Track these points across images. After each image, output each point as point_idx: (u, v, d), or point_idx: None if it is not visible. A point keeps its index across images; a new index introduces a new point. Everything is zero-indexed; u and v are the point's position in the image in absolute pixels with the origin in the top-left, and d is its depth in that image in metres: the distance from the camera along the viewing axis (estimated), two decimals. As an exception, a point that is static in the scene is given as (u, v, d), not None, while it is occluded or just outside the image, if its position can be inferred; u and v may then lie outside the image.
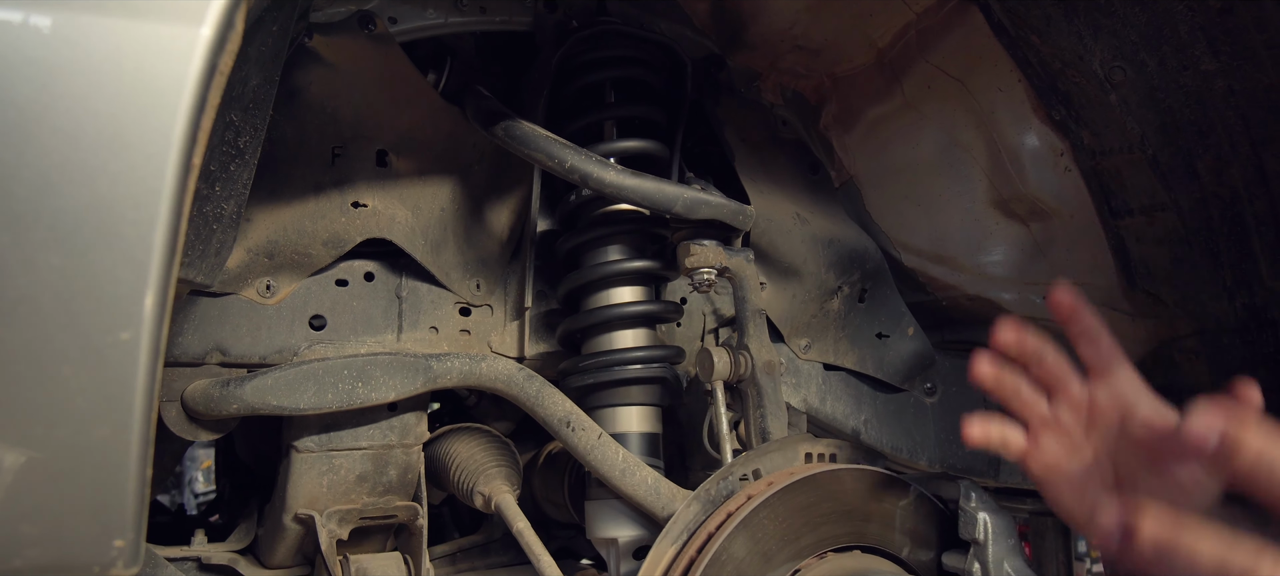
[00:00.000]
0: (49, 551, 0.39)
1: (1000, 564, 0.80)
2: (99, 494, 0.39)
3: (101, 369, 0.37)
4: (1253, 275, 1.06)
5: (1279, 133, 0.99)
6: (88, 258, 0.35)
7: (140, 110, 0.35)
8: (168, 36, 0.36)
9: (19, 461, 0.37)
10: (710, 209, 0.97)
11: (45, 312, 0.36)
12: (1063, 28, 1.09)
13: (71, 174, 0.35)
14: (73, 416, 0.37)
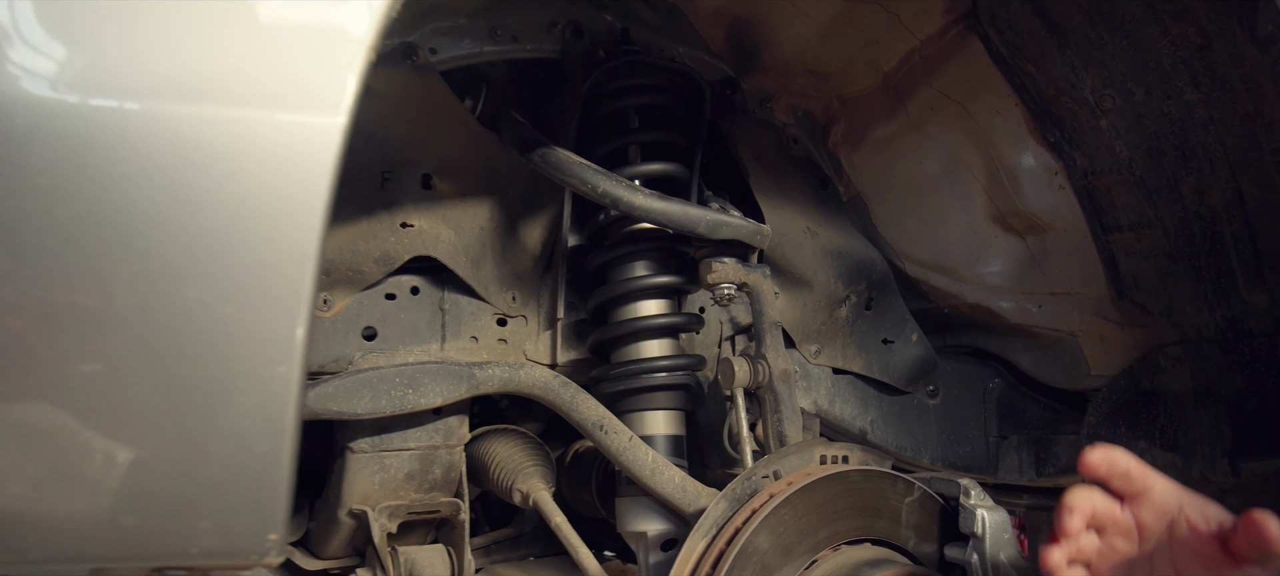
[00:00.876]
0: (219, 542, 0.47)
1: (996, 555, 0.88)
2: (258, 497, 0.47)
3: (264, 396, 0.45)
4: (1231, 289, 1.14)
5: (1255, 159, 1.07)
6: (255, 307, 0.44)
7: (294, 186, 0.43)
8: (311, 126, 0.44)
9: (198, 472, 0.46)
10: (731, 229, 1.06)
11: (222, 352, 0.44)
12: (1057, 58, 1.17)
13: (242, 238, 0.43)
14: (240, 434, 0.46)
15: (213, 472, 0.46)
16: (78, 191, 0.41)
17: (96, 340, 0.42)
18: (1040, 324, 1.38)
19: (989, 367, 1.49)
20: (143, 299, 0.43)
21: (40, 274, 0.41)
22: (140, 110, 0.41)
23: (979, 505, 0.89)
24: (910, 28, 1.24)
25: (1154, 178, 1.17)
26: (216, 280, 0.44)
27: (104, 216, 0.41)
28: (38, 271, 0.41)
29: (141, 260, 0.42)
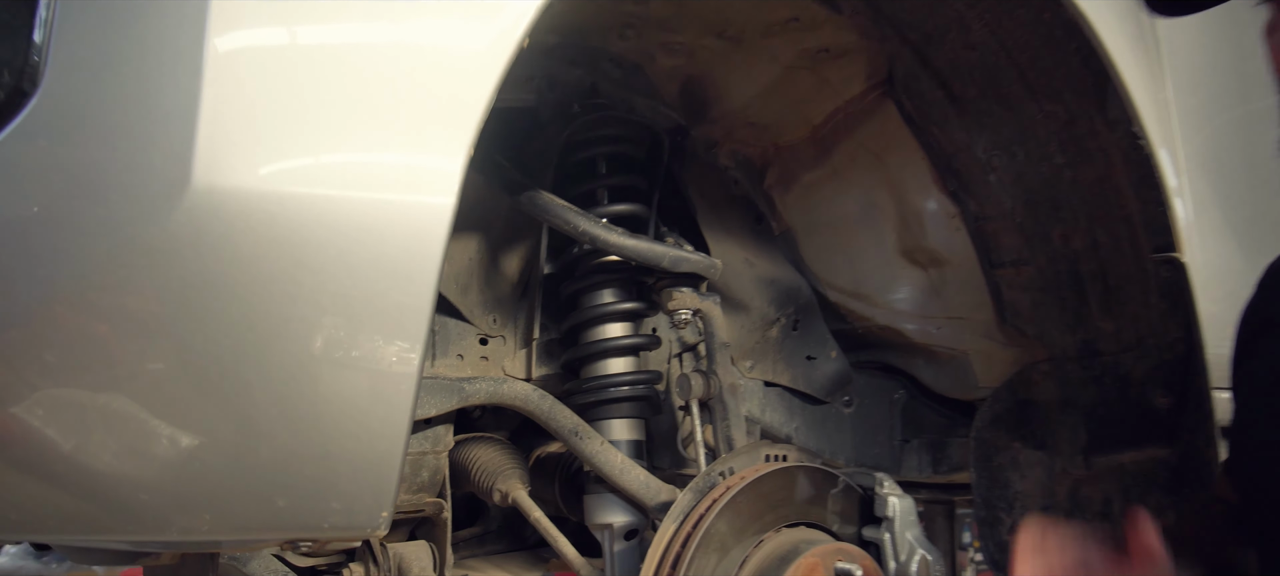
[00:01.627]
0: (345, 519, 0.61)
1: (904, 534, 1.09)
2: (378, 484, 0.61)
3: (389, 409, 0.59)
4: (1087, 317, 1.39)
5: (1106, 213, 1.32)
6: (387, 342, 0.58)
7: (420, 247, 0.58)
8: (433, 205, 0.59)
9: (336, 465, 0.60)
10: (689, 264, 1.24)
11: (361, 374, 0.58)
12: (955, 123, 1.40)
13: (383, 289, 0.58)
14: (369, 437, 0.60)
15: (346, 466, 0.60)
16: (270, 258, 0.55)
17: (275, 365, 0.56)
18: (938, 343, 1.62)
19: (895, 380, 1.72)
20: (309, 334, 0.57)
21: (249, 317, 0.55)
22: (314, 194, 0.56)
23: (891, 493, 1.10)
24: (837, 91, 1.46)
25: (1031, 224, 1.42)
26: (361, 321, 0.58)
27: (286, 274, 0.55)
28: (246, 315, 0.55)
29: (309, 306, 0.57)
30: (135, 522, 0.60)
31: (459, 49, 0.61)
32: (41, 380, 0.55)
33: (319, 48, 0.57)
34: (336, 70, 0.58)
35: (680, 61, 1.43)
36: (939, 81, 1.35)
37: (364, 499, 0.61)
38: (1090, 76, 1.22)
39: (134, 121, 0.53)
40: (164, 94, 0.53)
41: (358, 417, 0.60)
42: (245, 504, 0.60)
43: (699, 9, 1.30)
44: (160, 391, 0.57)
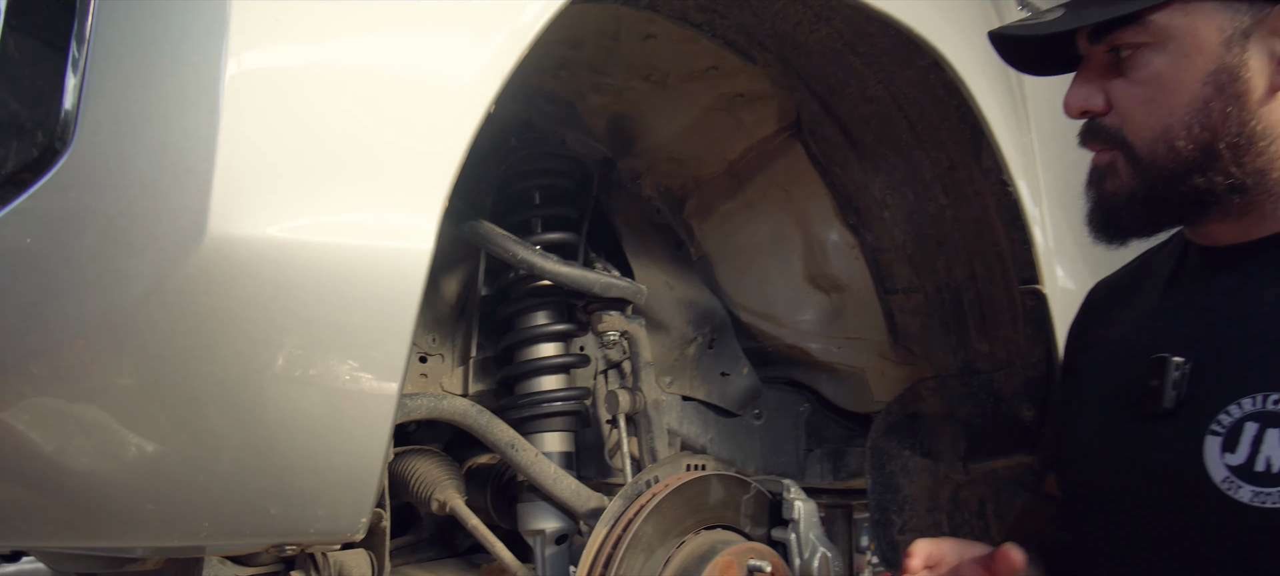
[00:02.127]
0: (329, 525, 0.69)
1: (808, 534, 1.23)
2: (359, 493, 0.69)
3: (371, 428, 0.68)
4: (966, 340, 1.57)
5: (982, 249, 1.50)
6: (370, 369, 0.67)
7: (402, 284, 0.67)
8: (413, 250, 0.68)
9: (324, 477, 0.68)
10: (618, 289, 1.35)
11: (348, 397, 0.67)
12: (855, 165, 1.56)
13: (367, 321, 0.66)
14: (354, 452, 0.68)
15: (333, 478, 0.68)
16: (273, 298, 0.63)
17: (275, 391, 0.64)
18: (839, 361, 1.78)
19: (800, 395, 1.87)
20: (304, 364, 0.65)
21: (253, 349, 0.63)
22: (312, 242, 0.64)
23: (796, 498, 1.24)
24: (751, 131, 1.60)
25: (919, 256, 1.59)
26: (349, 352, 0.67)
27: (287, 312, 0.64)
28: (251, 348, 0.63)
29: (305, 339, 0.65)
30: (142, 529, 0.66)
31: (436, 119, 0.71)
32: (69, 403, 0.61)
33: (319, 114, 0.66)
34: (333, 133, 0.66)
35: (609, 100, 1.54)
36: (841, 128, 1.51)
37: (347, 507, 0.70)
38: (968, 130, 1.39)
39: (156, 177, 0.61)
40: (183, 152, 0.61)
41: (345, 435, 0.68)
42: (243, 512, 0.68)
43: (628, 55, 1.42)
44: (175, 414, 0.64)
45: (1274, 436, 0.80)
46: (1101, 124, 0.96)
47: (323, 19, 0.67)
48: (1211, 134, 0.89)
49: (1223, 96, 0.88)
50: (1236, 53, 0.88)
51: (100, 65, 0.62)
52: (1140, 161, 0.92)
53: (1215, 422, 0.84)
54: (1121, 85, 0.93)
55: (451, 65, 0.72)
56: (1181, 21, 0.88)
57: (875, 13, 1.18)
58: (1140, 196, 0.93)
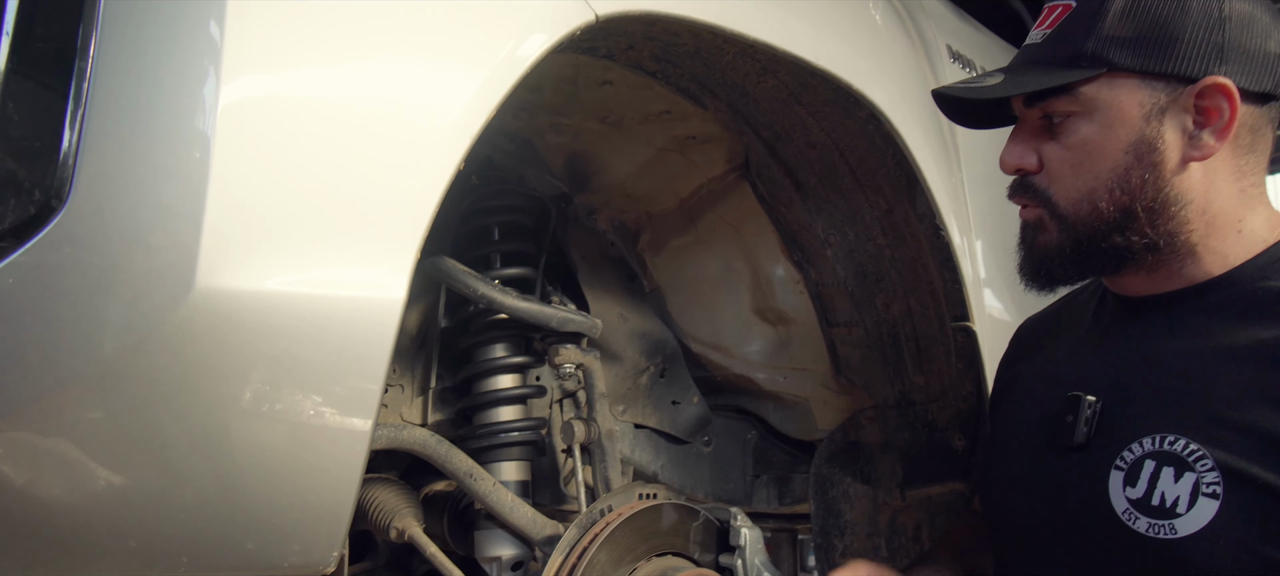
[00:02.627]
0: (302, 558, 0.72)
1: (753, 560, 1.29)
2: (332, 528, 0.73)
3: (345, 465, 0.72)
4: (903, 372, 1.67)
5: (918, 286, 1.60)
6: (346, 410, 0.71)
7: (376, 329, 0.72)
8: (386, 299, 0.73)
9: (300, 514, 0.71)
10: (574, 324, 1.41)
11: (325, 436, 0.71)
12: (799, 206, 1.64)
13: (346, 363, 0.71)
14: (329, 489, 0.72)
15: (308, 514, 0.72)
16: (256, 345, 0.67)
17: (256, 432, 0.69)
18: (785, 391, 1.86)
19: (748, 422, 1.95)
20: (284, 406, 0.69)
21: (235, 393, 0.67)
22: (294, 293, 0.69)
23: (743, 525, 1.31)
24: (702, 170, 1.68)
25: (860, 292, 1.68)
26: (326, 395, 0.71)
27: (267, 358, 0.68)
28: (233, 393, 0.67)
29: (286, 383, 0.69)
30: (123, 565, 0.69)
31: (409, 180, 0.76)
32: (60, 446, 0.65)
33: (302, 175, 0.71)
34: (316, 192, 0.71)
35: (567, 139, 1.61)
36: (786, 170, 1.59)
37: (320, 541, 0.74)
38: (903, 176, 1.49)
39: (148, 233, 0.65)
40: (174, 210, 0.65)
41: (320, 472, 0.72)
42: (221, 548, 0.71)
43: (586, 99, 1.48)
44: (159, 455, 0.68)
45: (1168, 473, 0.89)
46: (1032, 182, 1.05)
47: (307, 88, 0.72)
48: (1130, 198, 0.98)
49: (1141, 165, 0.98)
50: (1154, 126, 0.98)
51: (96, 125, 0.66)
52: (1065, 220, 1.02)
53: (1119, 459, 0.94)
54: (1053, 148, 1.03)
55: (424, 129, 0.78)
56: (1108, 94, 0.98)
57: (816, 69, 1.27)
58: (1068, 250, 1.03)
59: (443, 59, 0.81)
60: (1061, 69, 1.00)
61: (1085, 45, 0.99)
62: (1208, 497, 0.86)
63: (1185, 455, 0.89)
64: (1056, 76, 1.00)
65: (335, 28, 0.76)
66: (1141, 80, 0.98)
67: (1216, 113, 0.97)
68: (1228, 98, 0.96)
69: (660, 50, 1.32)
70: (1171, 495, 0.88)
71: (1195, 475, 0.87)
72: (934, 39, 1.71)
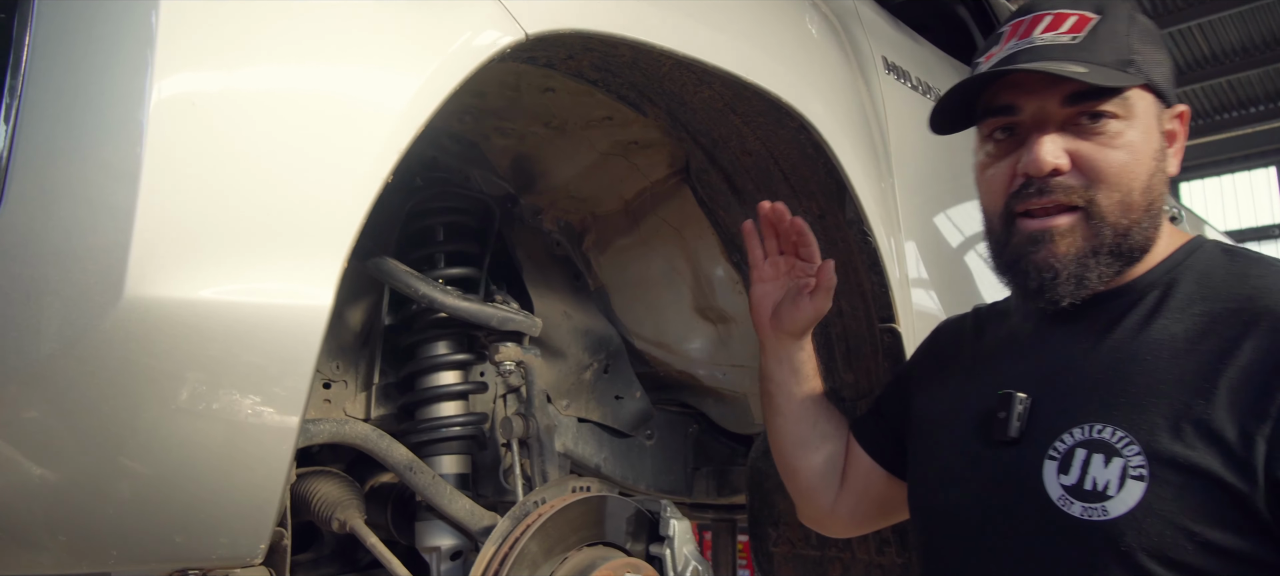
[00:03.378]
0: (231, 550, 0.76)
1: (681, 549, 1.36)
2: (259, 521, 0.78)
3: (272, 462, 0.77)
4: (835, 369, 1.74)
5: (849, 288, 1.66)
6: (275, 408, 0.75)
7: (304, 332, 0.76)
8: (313, 306, 0.77)
9: (228, 508, 0.76)
10: (514, 323, 1.46)
11: (253, 435, 0.75)
12: (737, 210, 1.70)
13: (277, 365, 0.75)
14: (257, 486, 0.76)
15: (235, 508, 0.76)
16: (184, 350, 0.71)
17: (186, 431, 0.73)
18: (724, 387, 1.93)
19: (689, 417, 2.01)
20: (212, 406, 0.74)
21: (164, 395, 0.71)
22: (222, 300, 0.73)
23: (672, 516, 1.37)
24: (645, 174, 1.73)
25: (796, 293, 1.75)
26: (253, 395, 0.75)
27: (195, 362, 0.72)
28: (162, 395, 0.71)
29: (213, 385, 0.73)
30: (52, 556, 0.73)
31: (336, 196, 0.81)
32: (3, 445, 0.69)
33: (232, 189, 0.75)
34: (245, 205, 0.75)
35: (512, 142, 1.65)
36: (724, 176, 1.65)
37: (247, 534, 0.78)
38: (834, 183, 1.55)
39: (78, 245, 0.68)
40: (104, 222, 0.69)
41: (246, 470, 0.77)
42: (149, 540, 0.75)
43: (529, 104, 1.53)
44: (90, 453, 0.71)
45: (1099, 460, 0.96)
46: (1067, 183, 1.03)
47: (235, 105, 0.76)
48: (1151, 200, 1.04)
49: (1159, 170, 1.05)
50: (1160, 137, 1.06)
51: (26, 143, 0.69)
52: (1104, 220, 1.03)
53: (1052, 449, 1.00)
54: (1090, 148, 1.02)
55: (350, 146, 0.82)
56: (1142, 103, 1.05)
57: (746, 83, 1.33)
58: (1107, 250, 1.03)
59: (371, 76, 0.85)
60: (1116, 71, 1.02)
61: (1131, 55, 1.03)
62: (1135, 480, 0.93)
63: (1113, 442, 0.95)
64: (1122, 77, 1.01)
65: (264, 47, 0.80)
66: (1155, 98, 1.06)
67: (1175, 136, 1.08)
68: (1184, 124, 1.07)
69: (599, 60, 1.37)
70: (1102, 479, 0.94)
71: (1123, 459, 0.94)
72: (870, 52, 1.77)
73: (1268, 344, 0.91)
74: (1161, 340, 0.99)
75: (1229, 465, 0.88)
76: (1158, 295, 1.03)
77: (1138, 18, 1.07)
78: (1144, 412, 0.94)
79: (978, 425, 1.09)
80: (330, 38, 0.85)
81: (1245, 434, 0.88)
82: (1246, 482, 0.87)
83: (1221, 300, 0.99)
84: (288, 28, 0.82)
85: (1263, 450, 0.87)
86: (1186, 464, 0.90)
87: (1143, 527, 0.91)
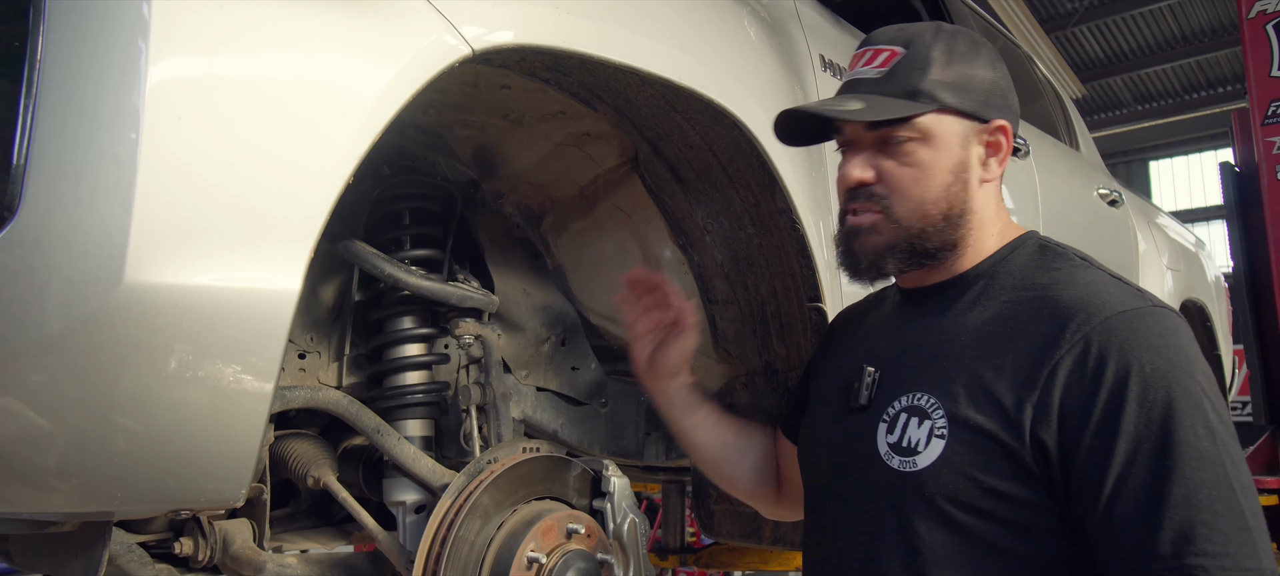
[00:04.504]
0: (216, 493, 0.91)
1: (621, 504, 1.52)
2: (240, 469, 0.92)
3: (251, 419, 0.91)
4: (769, 344, 1.90)
5: (781, 270, 1.82)
6: (251, 378, 0.90)
7: (273, 312, 0.91)
8: (283, 289, 0.92)
9: (215, 459, 0.90)
10: (472, 300, 1.61)
11: (235, 399, 0.90)
12: (682, 197, 1.85)
13: (253, 337, 0.89)
14: (237, 441, 0.91)
15: (220, 457, 0.91)
16: (177, 327, 0.86)
17: (178, 393, 0.87)
18: (674, 359, 2.08)
19: (641, 386, 2.17)
20: (202, 374, 0.88)
21: (160, 365, 0.86)
22: (208, 285, 0.87)
23: (613, 475, 1.53)
24: (597, 162, 1.87)
25: (735, 274, 1.90)
26: (235, 364, 0.90)
27: (188, 336, 0.86)
28: (158, 364, 0.86)
29: (203, 356, 0.88)
30: (66, 498, 0.88)
31: (304, 192, 0.95)
32: (16, 405, 0.83)
33: (215, 187, 0.89)
34: (227, 202, 0.90)
35: (473, 133, 1.79)
36: (669, 166, 1.80)
37: (230, 481, 0.93)
38: (766, 175, 1.71)
39: (84, 237, 0.82)
40: (106, 217, 0.83)
41: (229, 427, 0.91)
42: (148, 486, 0.90)
43: (488, 99, 1.66)
44: (97, 414, 0.86)
45: (914, 422, 1.15)
46: (873, 191, 1.27)
47: (221, 125, 0.90)
48: (949, 206, 1.24)
49: (958, 182, 1.24)
50: (965, 152, 1.24)
51: (39, 147, 0.83)
52: (899, 223, 1.25)
53: (885, 414, 1.19)
54: (892, 165, 1.25)
55: (316, 154, 0.96)
56: (938, 126, 1.23)
57: (681, 87, 1.47)
58: (900, 247, 1.26)
59: (330, 95, 0.99)
60: (905, 101, 1.23)
61: (920, 85, 1.23)
62: (938, 438, 1.12)
63: (926, 406, 1.15)
64: (905, 107, 1.22)
65: (237, 64, 0.94)
66: (958, 117, 1.23)
67: (998, 146, 1.25)
68: (1006, 136, 1.23)
69: (550, 62, 1.51)
70: (914, 438, 1.14)
71: (931, 421, 1.13)
72: (806, 50, 1.92)
73: (1045, 329, 1.10)
74: (974, 323, 1.17)
75: (1006, 427, 1.07)
76: (982, 285, 1.22)
77: (955, 46, 1.23)
78: (952, 383, 1.13)
79: (842, 394, 1.27)
80: (291, 57, 0.98)
81: (1019, 402, 1.07)
82: (1018, 441, 1.06)
83: (1024, 289, 1.18)
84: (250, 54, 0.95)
85: (1030, 415, 1.06)
86: (976, 425, 1.09)
87: (941, 477, 1.10)
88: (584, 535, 1.45)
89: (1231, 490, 1.00)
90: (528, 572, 1.36)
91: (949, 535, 1.11)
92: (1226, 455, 1.02)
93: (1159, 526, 0.99)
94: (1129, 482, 1.02)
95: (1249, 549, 0.98)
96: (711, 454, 1.54)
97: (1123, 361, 1.05)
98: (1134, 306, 1.10)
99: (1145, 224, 3.93)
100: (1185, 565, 0.97)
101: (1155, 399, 1.03)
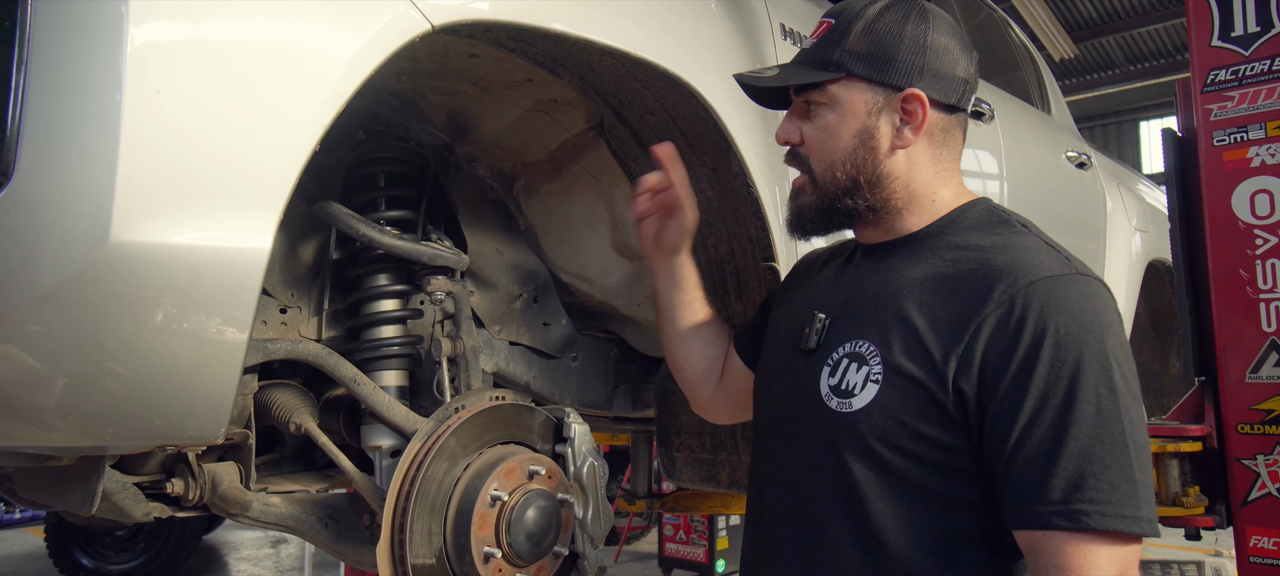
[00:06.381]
0: (197, 431, 1.02)
1: (581, 448, 1.64)
2: (219, 410, 1.03)
3: (228, 367, 1.02)
4: (727, 301, 2.00)
5: (738, 232, 1.92)
6: (227, 331, 1.00)
7: (246, 267, 1.01)
8: (255, 248, 1.01)
9: (198, 403, 1.01)
10: (443, 259, 1.71)
11: (213, 352, 1.00)
12: (644, 162, 1.94)
13: (228, 293, 1.00)
14: (215, 386, 1.02)
15: (199, 398, 1.02)
16: (159, 281, 0.96)
17: (163, 342, 0.98)
18: (639, 316, 2.19)
19: (610, 341, 2.28)
20: (183, 325, 0.98)
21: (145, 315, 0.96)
22: (187, 244, 0.97)
23: (574, 421, 1.64)
24: (565, 127, 1.96)
25: (697, 236, 2.00)
26: (212, 316, 1.00)
27: (170, 289, 0.96)
28: (143, 315, 0.96)
29: (184, 308, 0.98)
30: (63, 434, 0.99)
31: (274, 160, 1.05)
32: (19, 350, 0.93)
33: (192, 155, 0.99)
34: (203, 168, 0.99)
35: (445, 99, 1.87)
36: (631, 132, 1.88)
37: (210, 420, 1.04)
38: (723, 141, 1.80)
39: (74, 199, 0.92)
40: (93, 181, 0.93)
41: (208, 371, 1.02)
42: (138, 422, 1.01)
43: (458, 67, 1.75)
44: (90, 359, 0.96)
45: (853, 367, 1.25)
46: (797, 152, 1.39)
47: (193, 88, 0.99)
48: (856, 171, 1.33)
49: (864, 148, 1.32)
50: (873, 120, 1.32)
51: (31, 119, 0.92)
52: (816, 184, 1.36)
53: (829, 358, 1.29)
54: (809, 128, 1.36)
55: (284, 123, 1.05)
56: (845, 93, 1.32)
57: (637, 58, 1.56)
58: (817, 208, 1.37)
59: (296, 68, 1.08)
60: (817, 70, 1.33)
61: (834, 54, 1.32)
62: (873, 383, 1.22)
63: (865, 353, 1.24)
64: (812, 75, 1.33)
65: (212, 32, 1.03)
66: (867, 85, 1.32)
67: (914, 115, 1.32)
68: (921, 104, 1.31)
69: (515, 32, 1.59)
70: (852, 382, 1.24)
71: (868, 367, 1.23)
72: (768, 18, 2.00)
73: (977, 288, 1.19)
74: (917, 278, 1.27)
75: (932, 376, 1.17)
76: (930, 244, 1.31)
77: (883, 17, 1.32)
78: (889, 332, 1.23)
79: (793, 337, 1.38)
80: (263, 27, 1.07)
81: (946, 354, 1.17)
82: (942, 390, 1.16)
83: (965, 249, 1.27)
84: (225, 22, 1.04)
85: (954, 366, 1.16)
86: (907, 373, 1.19)
87: (873, 419, 1.20)
88: (545, 476, 1.57)
89: (1125, 447, 1.10)
90: (491, 509, 1.48)
91: (877, 472, 1.21)
92: (1126, 416, 1.11)
93: (1053, 474, 1.10)
94: (1033, 433, 1.12)
95: (1131, 500, 1.09)
96: (682, 334, 1.63)
97: (1040, 322, 1.14)
98: (1058, 273, 1.19)
99: (1115, 186, 4.02)
100: (1072, 509, 1.08)
101: (1065, 359, 1.12)
